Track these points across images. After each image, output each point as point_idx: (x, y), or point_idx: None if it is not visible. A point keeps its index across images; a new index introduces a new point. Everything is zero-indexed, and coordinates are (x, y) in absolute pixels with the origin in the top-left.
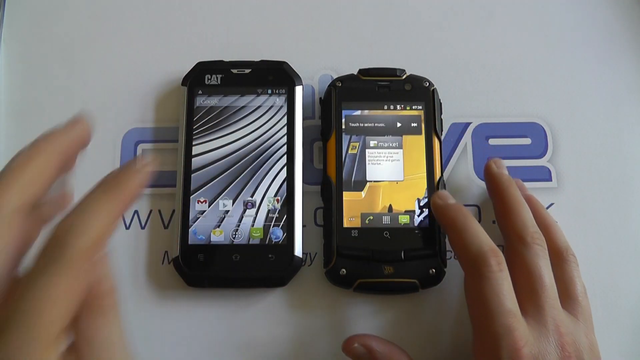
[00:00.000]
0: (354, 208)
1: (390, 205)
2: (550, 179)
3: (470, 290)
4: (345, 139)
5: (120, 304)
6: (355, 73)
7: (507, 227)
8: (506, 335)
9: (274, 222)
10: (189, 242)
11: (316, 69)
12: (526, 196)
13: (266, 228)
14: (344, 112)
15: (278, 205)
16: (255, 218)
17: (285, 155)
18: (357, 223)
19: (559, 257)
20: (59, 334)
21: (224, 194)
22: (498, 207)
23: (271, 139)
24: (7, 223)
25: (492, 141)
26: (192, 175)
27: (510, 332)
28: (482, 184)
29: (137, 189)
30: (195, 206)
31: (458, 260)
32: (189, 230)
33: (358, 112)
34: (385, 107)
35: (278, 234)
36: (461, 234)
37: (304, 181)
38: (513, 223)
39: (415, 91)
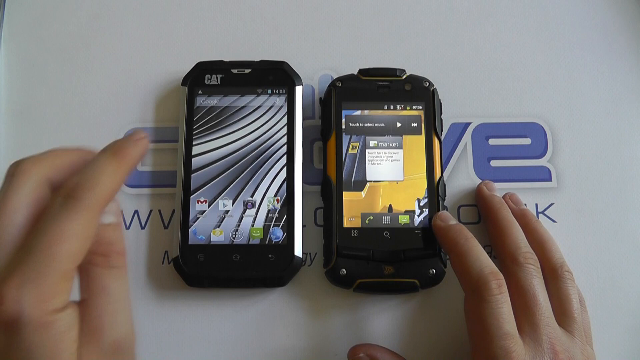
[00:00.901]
0: (354, 208)
1: (390, 205)
2: (550, 179)
3: (470, 311)
4: (345, 139)
5: (127, 266)
6: (355, 73)
7: (500, 248)
8: (504, 357)
9: (274, 222)
10: (189, 242)
11: (316, 69)
12: (521, 211)
13: (266, 228)
14: (344, 112)
15: (278, 205)
16: (255, 218)
17: (285, 155)
18: (357, 223)
19: (554, 274)
20: (72, 271)
21: (224, 194)
22: (490, 229)
23: (271, 139)
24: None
25: (492, 141)
26: (192, 175)
27: (507, 354)
28: None
29: (138, 155)
30: (195, 206)
31: (459, 282)
32: (189, 230)
33: (358, 112)
34: (385, 107)
35: (278, 234)
36: (462, 256)
37: (304, 181)
38: (505, 244)
39: (415, 91)
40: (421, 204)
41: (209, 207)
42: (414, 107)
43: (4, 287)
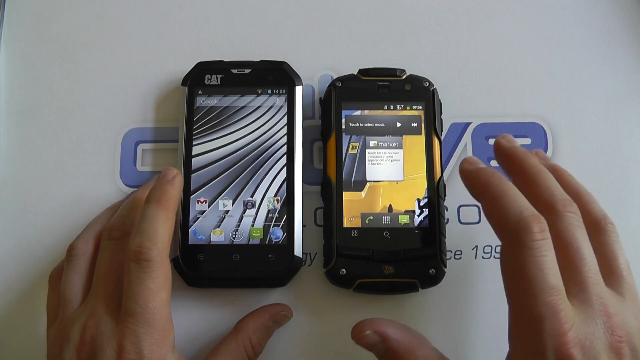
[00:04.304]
0: (354, 208)
1: (390, 205)
2: None
3: (508, 262)
4: (345, 139)
5: None
6: (355, 73)
7: (532, 199)
8: (550, 317)
9: (274, 222)
10: (189, 242)
11: (316, 69)
12: (550, 166)
13: (266, 228)
14: (344, 112)
15: (278, 205)
16: (255, 218)
17: (285, 155)
18: (357, 223)
19: (596, 228)
20: (170, 312)
21: (224, 194)
22: (516, 182)
23: (271, 139)
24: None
25: (492, 141)
26: (192, 175)
27: (555, 312)
28: None
29: (178, 194)
30: (195, 206)
31: (494, 230)
32: (189, 230)
33: (358, 112)
34: (385, 107)
35: (278, 234)
36: (497, 199)
37: (304, 181)
38: (538, 193)
39: (415, 91)
40: (421, 204)
41: (209, 207)
42: (414, 107)
43: (124, 342)
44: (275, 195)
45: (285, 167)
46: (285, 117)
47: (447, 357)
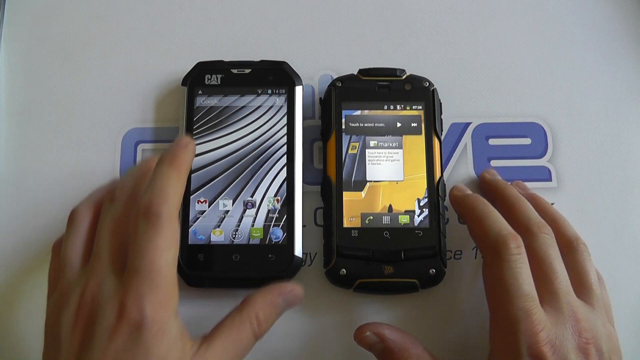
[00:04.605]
0: (354, 208)
1: (390, 205)
2: (550, 179)
3: (488, 273)
4: (345, 139)
5: None
6: (355, 73)
7: (511, 223)
8: (524, 319)
9: (274, 222)
10: (189, 242)
11: (316, 69)
12: (529, 195)
13: (266, 228)
14: (344, 112)
15: (278, 205)
16: (255, 218)
17: (285, 155)
18: (357, 223)
19: (569, 247)
20: (176, 274)
21: (224, 194)
22: (499, 208)
23: (271, 139)
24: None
25: (492, 141)
26: (192, 175)
27: (528, 316)
28: None
29: (190, 159)
30: (195, 206)
31: (477, 247)
32: (189, 230)
33: (358, 112)
34: (385, 107)
35: (278, 234)
36: (481, 220)
37: (304, 181)
38: (516, 217)
39: (415, 91)
40: (421, 204)
41: (209, 207)
42: (414, 107)
43: (126, 300)
44: (275, 195)
45: (285, 167)
46: (285, 117)
47: (437, 358)
